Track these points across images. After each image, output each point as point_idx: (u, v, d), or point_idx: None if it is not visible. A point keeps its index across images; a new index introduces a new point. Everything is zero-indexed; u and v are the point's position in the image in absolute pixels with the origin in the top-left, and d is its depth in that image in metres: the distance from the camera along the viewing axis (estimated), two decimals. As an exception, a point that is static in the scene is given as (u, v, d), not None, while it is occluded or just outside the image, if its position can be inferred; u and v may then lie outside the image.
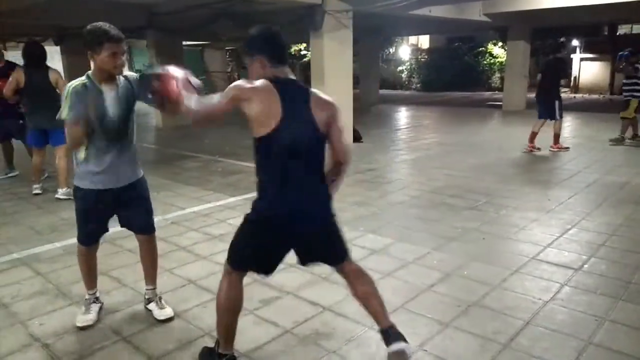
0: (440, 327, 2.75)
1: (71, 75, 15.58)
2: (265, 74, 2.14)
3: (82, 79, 2.61)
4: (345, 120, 9.01)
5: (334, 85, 8.70)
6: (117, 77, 2.65)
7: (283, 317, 2.88)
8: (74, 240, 3.26)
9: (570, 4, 11.04)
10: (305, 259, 2.34)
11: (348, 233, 4.22)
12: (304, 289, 3.24)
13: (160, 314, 2.89)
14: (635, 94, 8.20)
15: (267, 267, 2.31)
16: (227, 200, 5.42)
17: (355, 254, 3.77)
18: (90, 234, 2.84)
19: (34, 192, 5.69)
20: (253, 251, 2.24)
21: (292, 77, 2.20)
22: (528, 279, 3.34)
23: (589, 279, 3.33)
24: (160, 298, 2.99)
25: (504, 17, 12.82)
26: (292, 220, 2.16)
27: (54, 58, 16.49)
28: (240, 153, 8.25)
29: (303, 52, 27.70)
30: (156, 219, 3.04)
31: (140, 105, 2.80)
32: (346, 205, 5.16)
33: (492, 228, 4.38)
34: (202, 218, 4.75)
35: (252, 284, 3.32)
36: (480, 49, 22.65)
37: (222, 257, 3.74)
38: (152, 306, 2.95)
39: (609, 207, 4.90)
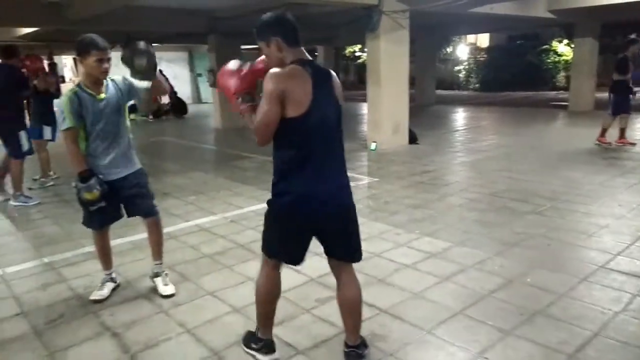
0: (502, 335, 2.66)
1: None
2: (284, 56, 2.16)
3: (73, 88, 2.97)
4: (402, 121, 8.95)
5: (390, 87, 8.65)
6: (104, 81, 3.01)
7: (339, 317, 2.87)
8: (141, 235, 3.44)
9: (644, -3, 10.38)
10: (332, 247, 2.34)
11: (403, 236, 4.23)
12: (360, 290, 3.23)
13: (163, 289, 3.21)
14: None
15: (294, 254, 2.31)
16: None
17: (411, 257, 3.76)
18: (94, 220, 3.16)
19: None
20: (284, 238, 2.28)
21: (310, 57, 2.23)
22: (597, 289, 3.17)
23: (666, 290, 3.11)
24: (166, 274, 3.28)
25: (570, 14, 12.21)
26: (325, 202, 2.18)
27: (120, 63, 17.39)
28: (296, 154, 8.34)
29: (358, 54, 27.68)
30: (216, 217, 3.15)
31: (201, 108, 2.92)
32: (402, 207, 5.11)
33: (557, 234, 4.18)
34: (259, 217, 4.81)
35: (308, 283, 3.37)
36: (544, 46, 21.71)
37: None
38: (157, 280, 3.27)
39: (688, 214, 4.56)
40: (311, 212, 2.19)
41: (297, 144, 2.14)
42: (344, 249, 2.35)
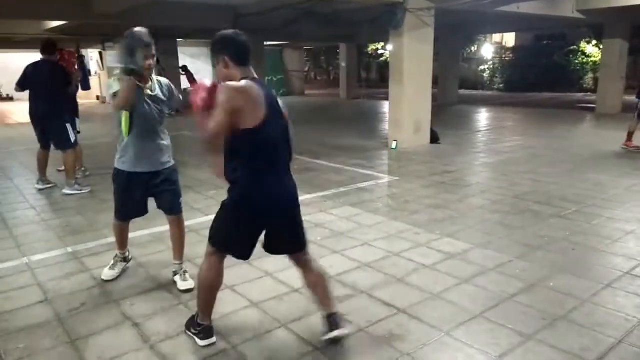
0: (523, 339, 2.62)
1: (160, 73, 16.64)
2: (230, 72, 2.34)
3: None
4: (424, 120, 8.87)
5: (413, 86, 8.58)
6: (149, 79, 3.10)
7: (357, 315, 2.88)
8: (163, 227, 3.49)
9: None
10: (272, 245, 2.56)
11: (423, 235, 4.19)
12: (377, 289, 3.22)
13: (182, 284, 3.28)
14: None
15: (246, 250, 2.50)
16: (302, 197, 5.45)
17: (431, 257, 3.73)
18: (123, 212, 3.31)
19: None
20: (236, 233, 2.46)
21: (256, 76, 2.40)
22: (621, 295, 3.09)
23: (695, 300, 3.02)
24: (184, 272, 3.35)
25: (600, 14, 11.93)
26: (270, 204, 2.40)
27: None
28: (315, 151, 8.36)
29: (381, 52, 27.53)
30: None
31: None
32: (422, 207, 5.07)
33: (582, 238, 4.10)
34: (279, 213, 4.86)
35: (327, 280, 3.37)
36: (572, 47, 21.27)
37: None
38: (177, 278, 3.33)
39: None
40: (263, 212, 2.41)
41: (253, 151, 2.32)
42: (293, 243, 2.59)
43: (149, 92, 3.07)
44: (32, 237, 4.39)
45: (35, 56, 6.27)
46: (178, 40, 16.84)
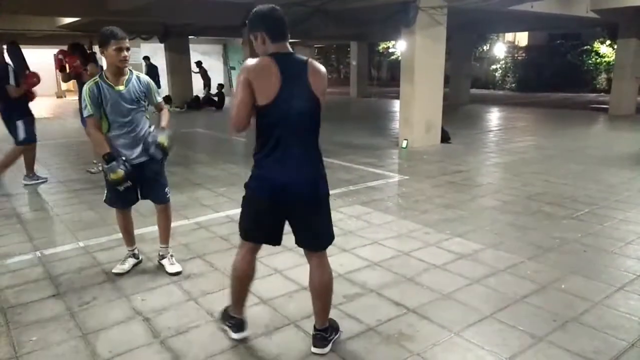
0: (533, 340, 2.60)
1: (173, 70, 16.73)
2: (266, 49, 2.28)
3: (95, 78, 3.18)
4: (435, 119, 8.82)
5: (424, 84, 8.54)
6: (127, 72, 3.20)
7: (366, 314, 2.88)
8: (173, 223, 3.51)
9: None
10: (296, 234, 2.45)
11: (433, 235, 4.17)
12: (387, 289, 3.21)
13: (170, 268, 3.41)
14: None
15: (269, 236, 2.44)
16: (313, 195, 5.50)
17: (441, 257, 3.71)
18: (118, 201, 3.40)
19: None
20: (254, 220, 2.42)
21: (291, 51, 2.32)
22: (634, 298, 3.06)
23: None
24: (172, 256, 3.49)
25: (614, 13, 11.78)
26: (285, 188, 2.28)
27: (157, 54, 17.74)
28: (325, 149, 8.30)
29: (391, 50, 27.43)
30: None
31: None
32: (432, 206, 5.05)
33: (594, 240, 4.05)
34: (289, 211, 4.87)
35: (336, 278, 3.35)
36: (586, 47, 21.03)
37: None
38: (164, 262, 3.48)
39: None
40: (273, 197, 2.31)
41: (265, 131, 2.28)
42: (306, 238, 2.45)
43: (120, 88, 3.17)
44: (45, 231, 4.43)
45: (49, 52, 6.36)
46: (190, 37, 16.93)
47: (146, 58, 14.78)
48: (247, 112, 2.23)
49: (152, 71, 13.70)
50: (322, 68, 2.36)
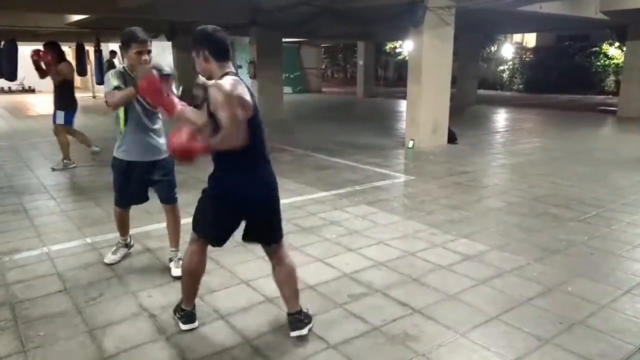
0: (539, 343, 2.59)
1: (181, 68, 16.76)
2: (210, 67, 2.41)
3: (119, 68, 3.27)
4: (442, 120, 8.80)
5: (431, 85, 8.51)
6: None
7: (372, 314, 2.88)
8: (182, 221, 3.52)
9: None
10: (249, 233, 2.61)
11: (439, 236, 4.16)
12: (393, 289, 3.21)
13: (175, 271, 3.40)
14: None
15: (222, 236, 2.58)
16: (318, 194, 5.52)
17: (447, 258, 3.71)
18: (123, 199, 3.49)
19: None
20: (212, 219, 2.52)
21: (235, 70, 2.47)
22: (642, 302, 3.04)
23: None
24: (179, 259, 3.43)
25: (623, 15, 11.69)
26: (247, 198, 2.46)
27: (165, 51, 17.81)
28: (331, 149, 8.35)
29: (398, 50, 27.38)
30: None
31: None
32: (438, 207, 5.04)
33: (601, 243, 4.03)
34: (294, 210, 4.87)
35: (342, 278, 3.37)
36: (594, 48, 20.89)
37: (313, 249, 3.85)
38: (172, 264, 3.47)
39: None
40: (240, 204, 2.47)
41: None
42: (267, 234, 2.62)
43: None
44: (52, 227, 4.46)
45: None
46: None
47: (112, 53, 14.89)
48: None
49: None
50: None
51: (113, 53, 14.10)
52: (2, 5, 9.46)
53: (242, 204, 2.48)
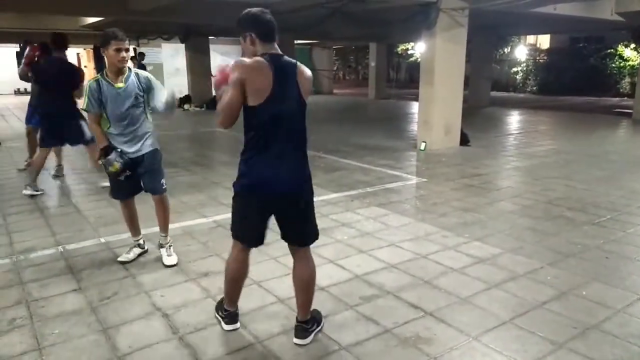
0: (553, 347, 2.56)
1: (193, 69, 16.89)
2: (255, 50, 2.36)
3: (96, 76, 3.36)
4: (454, 122, 8.76)
5: (444, 87, 8.48)
6: (126, 71, 3.35)
7: (383, 316, 2.87)
8: (193, 222, 3.55)
9: None
10: (281, 231, 2.55)
11: (451, 239, 4.14)
12: (404, 291, 3.20)
13: (167, 260, 3.55)
14: None
15: (253, 236, 2.52)
16: (329, 196, 5.52)
17: (459, 261, 3.69)
18: (120, 192, 3.62)
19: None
20: (243, 220, 2.49)
21: (281, 52, 2.40)
22: (658, 307, 3.00)
23: None
24: (170, 246, 3.62)
25: (639, 16, 11.53)
26: (272, 187, 2.37)
27: (179, 53, 17.95)
28: (343, 150, 8.35)
29: (411, 52, 27.31)
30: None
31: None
32: (450, 209, 5.01)
33: (617, 247, 3.98)
34: (306, 211, 4.88)
35: (353, 279, 3.37)
36: (609, 50, 20.64)
37: (324, 251, 3.85)
38: (162, 251, 3.61)
39: None
40: (262, 195, 2.40)
41: (255, 131, 2.34)
42: (292, 234, 2.54)
43: (120, 85, 3.33)
44: (67, 226, 4.52)
45: (71, 51, 6.47)
46: (210, 38, 17.08)
47: (141, 55, 13.94)
48: (237, 112, 2.30)
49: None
50: (309, 71, 2.47)
51: (142, 55, 13.64)
52: (18, 9, 9.62)
53: (261, 198, 2.41)
